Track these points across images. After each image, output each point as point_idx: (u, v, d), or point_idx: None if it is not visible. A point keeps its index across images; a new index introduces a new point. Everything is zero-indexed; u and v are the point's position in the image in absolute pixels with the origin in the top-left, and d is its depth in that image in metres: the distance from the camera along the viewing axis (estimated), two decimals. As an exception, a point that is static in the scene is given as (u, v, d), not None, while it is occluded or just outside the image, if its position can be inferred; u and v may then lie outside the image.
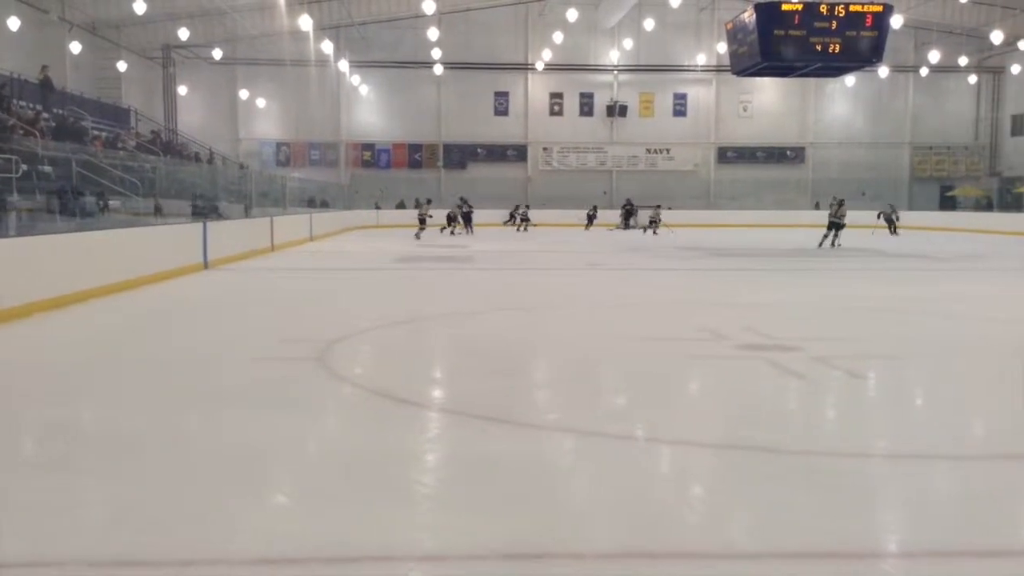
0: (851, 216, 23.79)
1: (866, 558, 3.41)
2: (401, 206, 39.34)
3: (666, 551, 3.45)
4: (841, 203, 23.52)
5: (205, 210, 18.57)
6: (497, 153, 42.51)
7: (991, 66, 41.65)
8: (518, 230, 34.33)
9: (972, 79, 42.25)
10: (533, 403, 6.11)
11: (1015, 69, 40.10)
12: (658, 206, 32.73)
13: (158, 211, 17.30)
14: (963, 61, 39.15)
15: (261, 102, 41.04)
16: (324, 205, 34.92)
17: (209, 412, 5.60)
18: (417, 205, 30.94)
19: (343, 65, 39.07)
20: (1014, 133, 41.76)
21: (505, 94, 42.34)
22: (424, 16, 34.46)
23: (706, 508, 4.05)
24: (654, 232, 31.09)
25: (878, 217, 31.86)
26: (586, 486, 4.28)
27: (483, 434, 5.11)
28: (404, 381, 6.58)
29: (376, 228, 35.35)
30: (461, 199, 31.86)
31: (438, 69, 39.44)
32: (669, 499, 4.08)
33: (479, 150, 42.34)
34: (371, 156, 42.27)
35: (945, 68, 40.09)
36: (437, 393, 6.45)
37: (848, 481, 4.30)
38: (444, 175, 41.88)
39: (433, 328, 9.46)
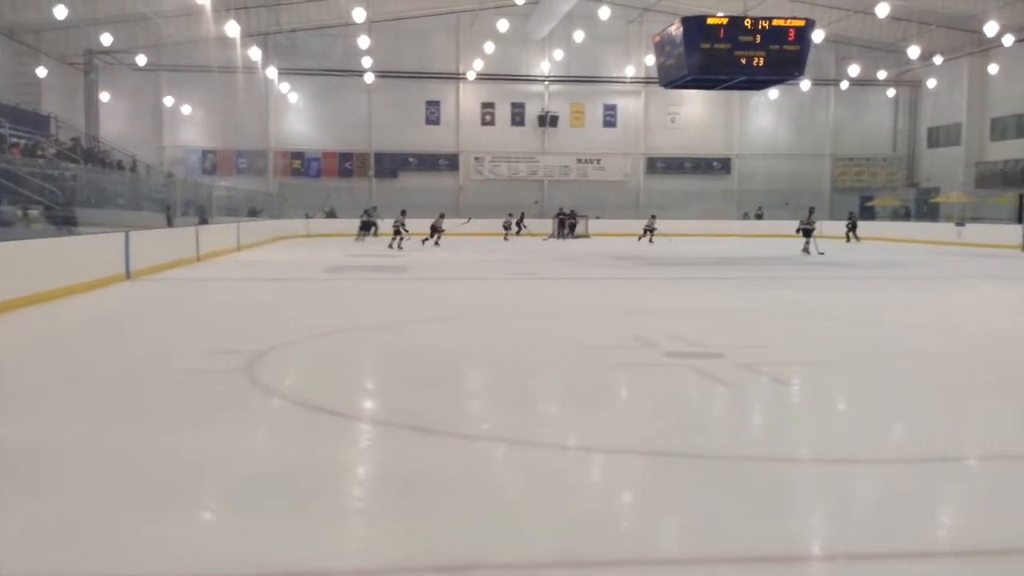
0: (778, 226, 24.60)
1: (791, 562, 3.47)
2: (331, 215, 38.94)
3: (597, 559, 3.46)
4: (812, 211, 26.15)
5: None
6: (429, 162, 42.43)
7: (908, 80, 43.13)
8: (506, 238, 34.07)
9: (890, 93, 43.70)
10: (465, 413, 6.09)
11: (931, 83, 41.61)
12: (653, 216, 33.34)
13: (68, 221, 16.54)
14: (882, 75, 40.49)
15: (187, 109, 40.26)
16: (252, 214, 34.36)
17: (132, 426, 5.44)
18: (364, 214, 31.02)
19: (271, 72, 38.56)
20: (930, 145, 43.28)
21: (437, 103, 42.32)
22: (354, 24, 34.27)
23: (636, 515, 4.08)
24: (650, 240, 31.57)
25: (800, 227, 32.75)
26: (518, 495, 4.28)
27: (414, 445, 5.07)
28: (334, 392, 6.50)
29: (306, 238, 34.90)
30: (402, 212, 31.61)
31: (369, 77, 39.25)
32: (600, 507, 4.09)
33: (411, 159, 42.21)
34: (301, 164, 41.80)
35: (865, 82, 41.44)
36: (368, 404, 6.38)
37: (774, 486, 4.38)
38: (375, 184, 41.62)
39: (364, 338, 9.37)
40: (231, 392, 6.39)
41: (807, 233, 25.64)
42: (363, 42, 36.10)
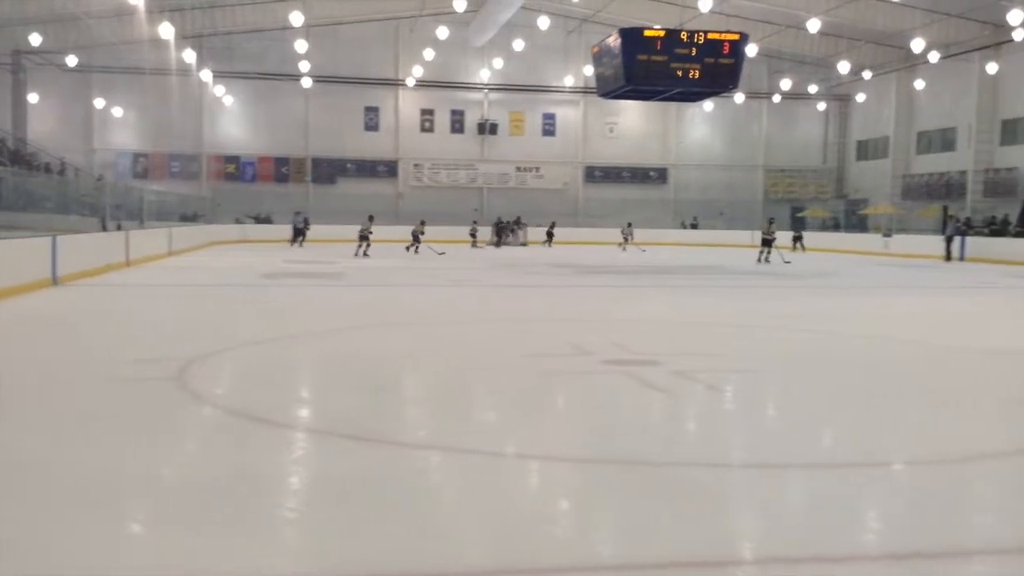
0: (713, 235, 25.06)
1: (725, 566, 3.52)
2: (267, 221, 38.40)
3: (533, 567, 3.46)
4: (771, 221, 27.15)
5: None
6: (367, 168, 42.15)
7: (838, 94, 44.25)
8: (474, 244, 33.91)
9: (821, 106, 44.79)
10: (402, 420, 6.05)
11: (860, 97, 42.77)
12: (629, 224, 33.58)
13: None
14: (812, 89, 41.49)
15: (118, 111, 39.35)
16: (185, 219, 33.71)
17: (58, 435, 5.27)
18: (297, 217, 30.54)
19: (206, 75, 37.90)
20: (859, 158, 44.46)
21: (375, 109, 42.09)
22: (291, 28, 33.90)
23: (572, 522, 4.10)
24: (623, 249, 31.94)
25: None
26: (454, 503, 4.27)
27: (350, 453, 5.02)
28: (267, 401, 6.40)
29: (241, 243, 34.37)
30: (369, 218, 31.24)
31: (306, 82, 38.84)
32: (536, 514, 4.10)
33: (349, 165, 41.88)
34: (235, 169, 41.15)
35: (796, 95, 42.42)
36: (302, 412, 6.30)
37: (708, 491, 4.44)
38: (312, 190, 41.18)
39: (299, 346, 9.25)
40: (160, 401, 6.25)
41: (767, 243, 26.33)
42: (300, 46, 35.72)
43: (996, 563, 3.63)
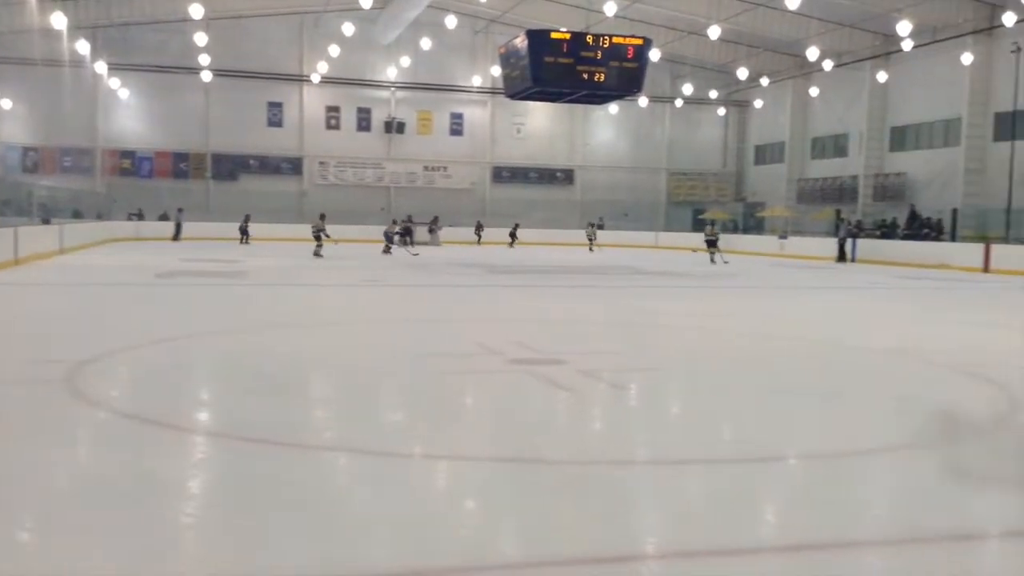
0: (618, 236, 25.46)
1: (628, 561, 3.59)
2: (164, 218, 37.28)
3: (442, 567, 3.46)
4: (713, 223, 28.83)
5: None
6: (271, 165, 41.33)
7: (738, 100, 45.54)
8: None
9: (721, 111, 46.02)
10: (307, 422, 5.96)
11: (758, 103, 44.13)
12: (591, 224, 33.97)
13: None
14: (713, 94, 42.61)
15: (7, 103, 37.62)
16: (77, 215, 32.43)
17: (-64, 444, 5.02)
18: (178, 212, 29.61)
19: (101, 67, 36.54)
20: (757, 162, 45.86)
21: (279, 105, 41.31)
22: (191, 20, 32.97)
23: (479, 522, 4.11)
24: (590, 249, 32.12)
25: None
26: (359, 505, 4.22)
27: (252, 456, 4.92)
28: (165, 404, 6.21)
29: (136, 240, 33.28)
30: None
31: (206, 76, 37.83)
32: (444, 515, 4.09)
33: (251, 161, 40.98)
34: (131, 164, 39.79)
35: (698, 100, 43.50)
36: (201, 415, 6.14)
37: (612, 488, 4.51)
38: (213, 186, 40.14)
39: (199, 347, 9.01)
40: (51, 405, 5.99)
41: (712, 244, 27.44)
42: (200, 39, 34.82)
43: (886, 554, 3.79)
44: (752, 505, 4.37)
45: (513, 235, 36.90)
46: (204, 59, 37.10)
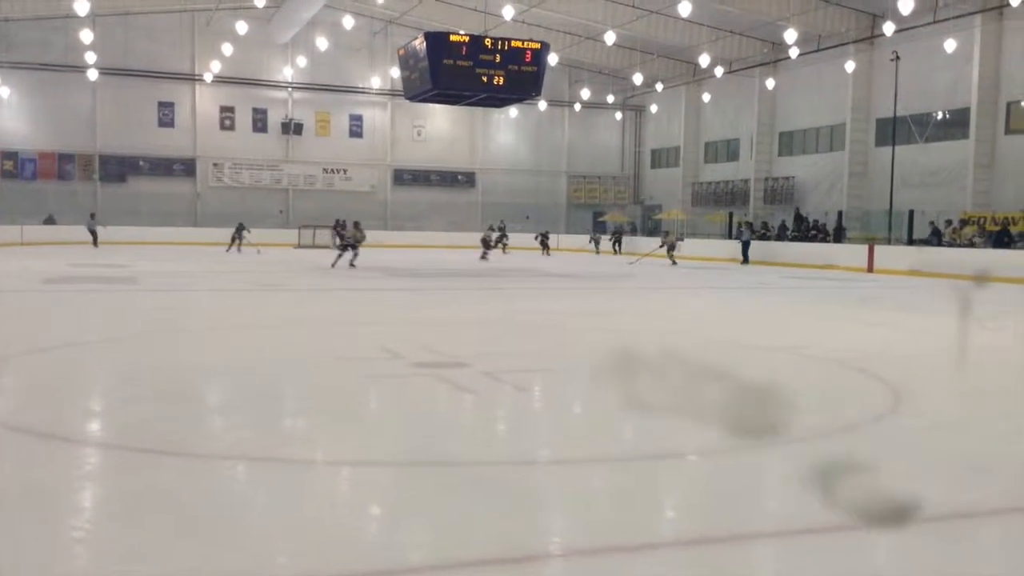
0: (519, 239, 25.61)
1: (531, 561, 3.62)
2: (50, 221, 35.71)
3: (347, 573, 3.42)
4: (667, 233, 30.04)
5: None
6: (162, 167, 40.03)
7: (634, 105, 46.45)
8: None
9: (618, 116, 46.87)
10: (203, 431, 5.80)
11: (654, 108, 45.10)
12: (491, 227, 33.81)
13: None
14: (610, 99, 43.34)
15: None
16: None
17: None
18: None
19: (-22, 64, 34.78)
20: (653, 166, 46.87)
21: (171, 105, 40.07)
22: (76, 16, 31.68)
23: (384, 526, 4.08)
24: (503, 251, 32.51)
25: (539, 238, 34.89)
26: (259, 514, 4.14)
27: (145, 467, 4.76)
28: (52, 414, 5.94)
29: (21, 246, 31.76)
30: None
31: (92, 74, 36.40)
32: (348, 520, 4.05)
33: (142, 163, 39.63)
34: (13, 166, 37.93)
35: (595, 105, 44.19)
36: (92, 425, 5.91)
37: (517, 488, 4.54)
38: (101, 189, 38.66)
39: (87, 354, 8.66)
40: (-73, 419, 5.68)
41: (669, 248, 28.39)
42: (86, 36, 33.47)
43: (780, 545, 3.93)
44: (652, 502, 4.47)
45: (545, 243, 35.85)
46: (91, 57, 35.69)
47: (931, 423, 6.30)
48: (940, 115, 30.15)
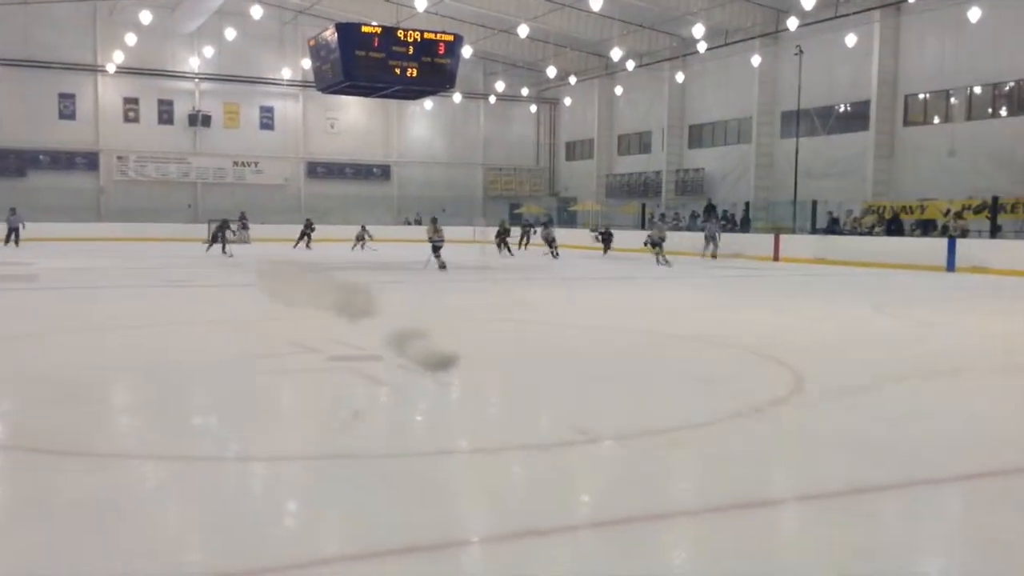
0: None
1: (446, 548, 3.66)
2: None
3: (259, 568, 3.41)
4: (663, 216, 29.58)
5: None
6: (63, 161, 38.59)
7: (548, 97, 46.73)
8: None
9: (533, 108, 47.11)
10: (108, 430, 5.67)
11: (568, 101, 45.47)
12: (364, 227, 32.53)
13: None
14: (525, 92, 43.55)
15: None
16: None
17: None
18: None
19: None
20: (568, 158, 47.29)
21: (72, 96, 38.64)
22: (-33, 3, 30.32)
23: (297, 520, 4.07)
24: (362, 248, 31.15)
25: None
26: (169, 513, 4.08)
27: (44, 468, 4.63)
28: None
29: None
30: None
31: (-12, 64, 34.88)
32: (261, 516, 4.02)
33: (42, 156, 38.13)
34: (-99, 160, 36.08)
35: (510, 97, 44.35)
36: (-9, 429, 5.71)
37: (432, 478, 4.58)
38: (-2, 183, 37.05)
39: (-14, 356, 8.34)
40: None
41: (656, 245, 24.47)
42: (-20, 24, 32.05)
43: (694, 524, 4.07)
44: (568, 486, 4.56)
45: (607, 237, 34.60)
46: (-16, 46, 34.19)
47: (831, 404, 6.55)
48: (842, 108, 31.21)
